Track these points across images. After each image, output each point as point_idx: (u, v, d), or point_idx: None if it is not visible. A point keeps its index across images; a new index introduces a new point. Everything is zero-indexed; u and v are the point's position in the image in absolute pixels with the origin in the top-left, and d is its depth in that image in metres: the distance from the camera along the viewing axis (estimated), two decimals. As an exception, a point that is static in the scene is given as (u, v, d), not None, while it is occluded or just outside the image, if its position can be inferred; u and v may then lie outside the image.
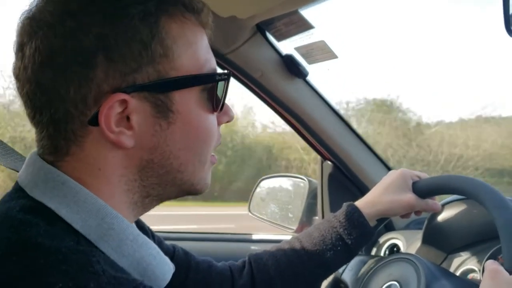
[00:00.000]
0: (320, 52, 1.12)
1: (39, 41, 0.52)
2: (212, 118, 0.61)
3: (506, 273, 0.65)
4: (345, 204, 0.90)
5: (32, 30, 0.53)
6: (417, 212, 0.91)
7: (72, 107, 0.53)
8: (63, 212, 0.52)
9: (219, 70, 0.62)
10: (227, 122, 0.65)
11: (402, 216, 0.92)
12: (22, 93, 0.56)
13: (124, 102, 0.53)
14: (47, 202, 0.53)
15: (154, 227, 0.80)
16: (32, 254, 0.46)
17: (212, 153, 0.64)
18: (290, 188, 1.54)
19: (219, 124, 0.63)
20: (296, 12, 1.02)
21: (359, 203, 0.89)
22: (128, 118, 0.54)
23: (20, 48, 0.55)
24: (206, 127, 0.60)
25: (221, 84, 0.60)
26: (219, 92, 0.60)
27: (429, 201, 0.90)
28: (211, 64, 0.60)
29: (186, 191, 0.62)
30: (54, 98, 0.53)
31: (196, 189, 0.62)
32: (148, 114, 0.55)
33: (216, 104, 0.60)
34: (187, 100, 0.57)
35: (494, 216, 0.73)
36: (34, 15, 0.54)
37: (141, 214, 0.62)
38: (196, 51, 0.58)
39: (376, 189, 0.91)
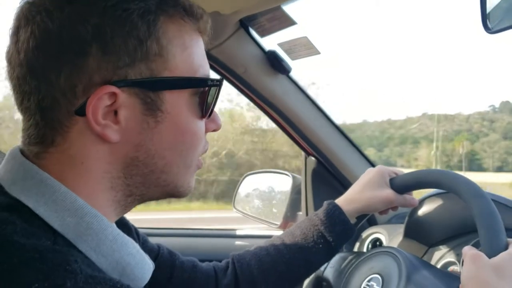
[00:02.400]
0: (303, 48, 1.13)
1: (36, 25, 0.52)
2: (201, 123, 0.61)
3: (486, 257, 0.66)
4: (325, 202, 0.91)
5: (30, 14, 0.53)
6: (394, 208, 0.93)
7: (61, 94, 0.52)
8: (41, 210, 0.51)
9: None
10: (214, 130, 0.65)
11: (381, 212, 0.93)
12: (12, 77, 0.55)
13: (113, 95, 0.53)
14: (24, 199, 0.52)
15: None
16: (7, 252, 0.46)
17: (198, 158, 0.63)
18: (274, 183, 1.54)
19: (206, 131, 0.63)
20: (278, 8, 1.02)
21: (339, 200, 0.91)
22: (116, 113, 0.54)
23: (16, 31, 0.55)
24: (193, 131, 0.60)
25: (212, 91, 0.60)
26: (210, 98, 0.60)
27: (406, 196, 0.91)
28: (205, 71, 0.61)
29: (169, 193, 0.61)
30: (44, 84, 0.53)
31: (179, 191, 0.62)
32: (137, 110, 0.55)
33: (206, 110, 0.60)
34: (177, 102, 0.57)
35: (471, 205, 0.74)
36: (34, 0, 0.54)
37: (123, 213, 0.61)
38: (191, 54, 0.58)
39: (355, 186, 0.92)
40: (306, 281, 1.00)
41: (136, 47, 0.53)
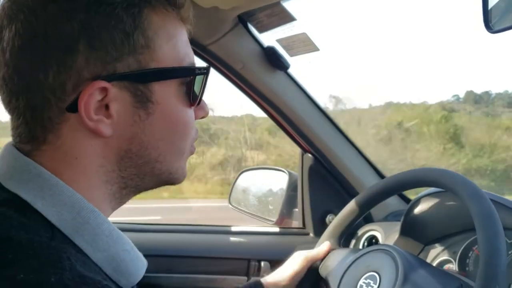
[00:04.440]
0: (302, 44, 1.12)
1: (20, 24, 0.52)
2: (190, 112, 0.61)
3: None
4: (253, 281, 0.97)
5: (12, 13, 0.52)
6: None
7: (50, 93, 0.52)
8: (39, 205, 0.51)
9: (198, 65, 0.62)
10: (202, 117, 0.65)
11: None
12: None
13: (104, 90, 0.53)
14: (22, 194, 0.52)
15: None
16: (2, 248, 0.45)
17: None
18: (270, 180, 1.54)
19: (195, 118, 0.63)
20: (278, 4, 1.02)
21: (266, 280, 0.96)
22: (107, 107, 0.54)
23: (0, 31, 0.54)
24: (184, 120, 0.60)
25: (199, 79, 0.60)
26: (197, 87, 0.60)
27: None
28: (190, 58, 0.61)
29: (164, 180, 0.62)
30: (32, 84, 0.52)
31: (174, 178, 0.62)
32: (128, 103, 0.55)
33: (194, 98, 0.60)
34: (166, 92, 0.57)
35: (469, 205, 0.74)
36: None
37: (118, 206, 0.61)
38: (176, 44, 0.58)
39: (284, 274, 0.96)
40: (304, 279, 1.00)
41: (123, 40, 0.53)
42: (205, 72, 0.61)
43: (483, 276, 0.68)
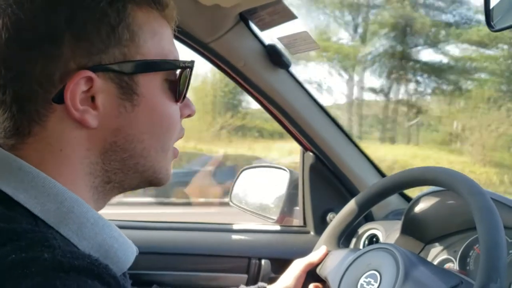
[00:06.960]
0: (303, 42, 1.12)
1: (7, 18, 0.53)
2: (175, 107, 0.62)
3: None
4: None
5: (0, 8, 0.54)
6: None
7: (37, 84, 0.53)
8: (21, 197, 0.52)
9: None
10: (188, 116, 0.66)
11: None
12: None
13: (90, 80, 0.54)
14: (3, 187, 0.52)
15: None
16: None
17: (174, 146, 0.64)
18: (271, 178, 1.54)
19: (181, 117, 0.64)
20: (279, 2, 1.02)
21: None
22: (93, 99, 0.55)
23: None
24: (169, 114, 0.61)
25: (184, 74, 0.61)
26: (182, 82, 0.61)
27: None
28: (175, 56, 0.62)
29: (148, 179, 0.62)
30: (20, 75, 0.53)
31: (158, 178, 0.63)
32: (113, 95, 0.56)
33: (179, 94, 0.61)
34: (151, 85, 0.58)
35: (469, 201, 0.74)
36: None
37: (102, 202, 0.61)
38: (161, 40, 0.60)
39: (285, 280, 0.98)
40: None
41: (108, 33, 0.54)
42: (189, 66, 0.62)
43: (484, 269, 0.67)
